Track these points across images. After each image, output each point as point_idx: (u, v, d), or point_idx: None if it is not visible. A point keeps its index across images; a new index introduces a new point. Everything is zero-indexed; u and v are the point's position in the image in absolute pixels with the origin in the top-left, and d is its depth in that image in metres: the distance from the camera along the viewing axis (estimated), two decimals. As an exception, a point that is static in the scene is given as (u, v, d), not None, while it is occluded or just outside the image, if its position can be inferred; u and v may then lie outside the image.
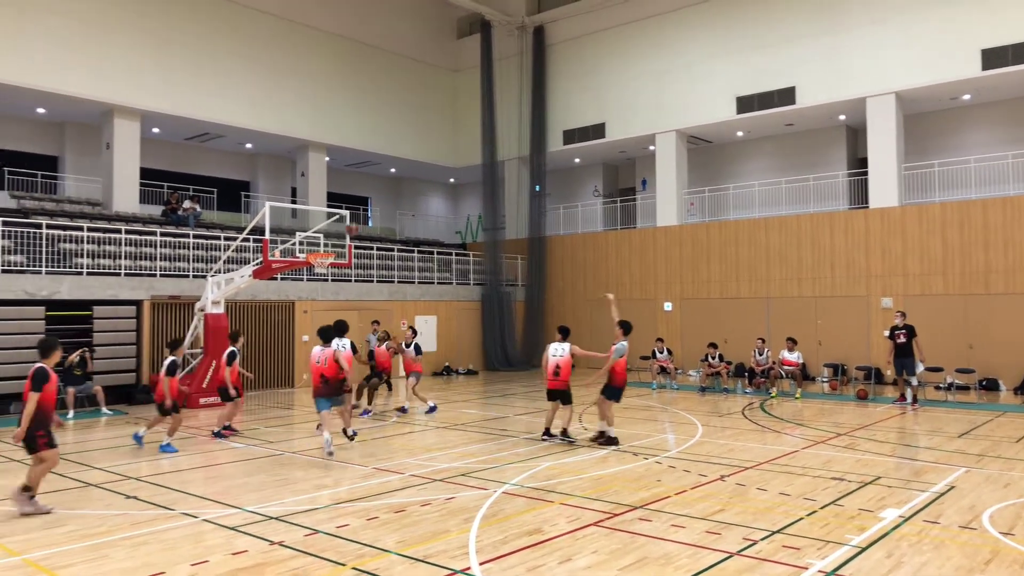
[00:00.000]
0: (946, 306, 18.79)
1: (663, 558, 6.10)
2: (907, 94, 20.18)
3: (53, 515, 7.57)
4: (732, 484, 8.63)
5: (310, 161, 25.58)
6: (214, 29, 22.42)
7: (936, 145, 21.60)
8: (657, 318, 23.69)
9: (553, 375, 11.27)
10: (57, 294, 15.96)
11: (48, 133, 22.69)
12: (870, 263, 20.05)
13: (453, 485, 8.68)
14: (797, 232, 21.34)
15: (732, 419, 13.89)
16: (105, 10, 20.17)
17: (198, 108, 22.02)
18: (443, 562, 6.02)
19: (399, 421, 13.91)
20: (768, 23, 22.01)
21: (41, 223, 17.13)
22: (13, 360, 15.23)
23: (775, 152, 24.86)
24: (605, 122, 25.44)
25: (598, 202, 28.31)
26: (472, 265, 26.52)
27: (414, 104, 28.08)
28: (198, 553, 6.30)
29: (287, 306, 19.94)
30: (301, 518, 7.32)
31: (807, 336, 20.31)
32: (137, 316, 17.23)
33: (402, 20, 27.89)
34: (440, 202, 33.92)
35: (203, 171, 25.98)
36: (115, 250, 17.75)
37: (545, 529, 6.89)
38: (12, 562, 6.14)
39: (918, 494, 8.10)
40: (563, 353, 11.32)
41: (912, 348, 15.40)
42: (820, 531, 6.77)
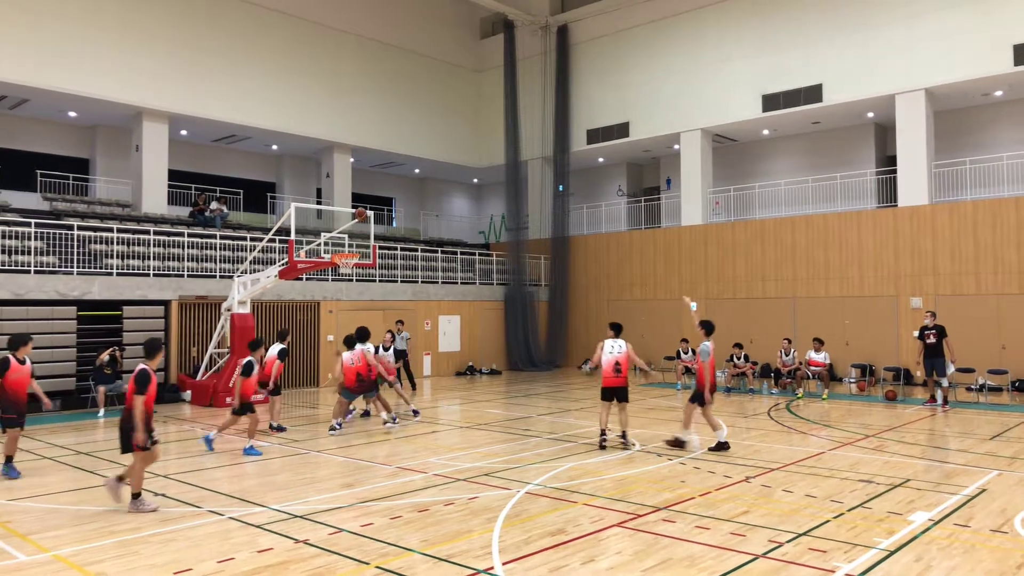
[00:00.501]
0: (978, 306, 18.46)
1: (687, 559, 6.05)
2: (937, 90, 19.85)
3: (83, 512, 7.69)
4: (757, 485, 8.55)
5: (335, 162, 25.77)
6: (240, 33, 22.67)
7: (967, 142, 21.23)
8: (682, 318, 23.51)
9: (615, 372, 10.93)
10: (88, 294, 16.24)
11: (80, 136, 23.09)
12: (899, 262, 19.76)
13: (476, 485, 8.69)
14: (824, 231, 21.09)
15: (758, 420, 13.76)
16: (135, 16, 20.48)
17: (225, 110, 22.28)
18: (466, 562, 6.03)
19: (420, 421, 13.95)
20: (794, 20, 21.77)
21: (73, 224, 17.44)
22: (46, 359, 15.53)
23: (801, 150, 24.59)
24: (629, 121, 25.33)
25: (622, 202, 28.20)
26: (495, 265, 26.55)
27: (438, 105, 28.17)
28: (224, 550, 6.37)
29: (312, 306, 20.11)
30: (325, 517, 7.37)
31: (834, 336, 20.06)
32: (165, 316, 17.48)
33: (426, 21, 27.99)
34: (464, 202, 34.01)
35: (229, 172, 26.28)
36: (144, 251, 18.02)
37: (568, 530, 6.88)
38: (42, 558, 6.25)
39: (948, 497, 7.97)
40: (621, 350, 11.05)
41: (943, 349, 15.15)
42: (847, 534, 6.68)
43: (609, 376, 11.00)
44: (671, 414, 14.69)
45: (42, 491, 8.62)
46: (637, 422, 13.52)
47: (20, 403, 9.44)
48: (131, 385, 7.64)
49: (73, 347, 16.00)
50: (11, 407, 9.31)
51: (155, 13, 20.90)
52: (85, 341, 16.16)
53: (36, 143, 22.24)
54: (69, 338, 15.97)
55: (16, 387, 9.41)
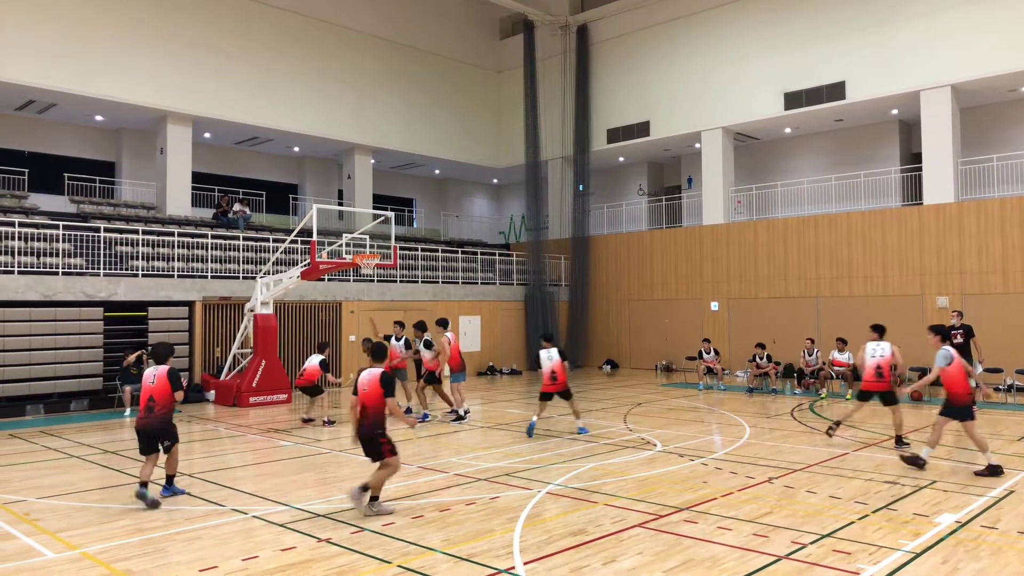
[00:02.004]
0: (1006, 305, 18.17)
1: (709, 560, 6.02)
2: (963, 87, 19.57)
3: (109, 510, 7.80)
4: (780, 486, 8.48)
5: (356, 164, 25.92)
6: (262, 37, 22.87)
7: (994, 138, 20.90)
8: (704, 318, 23.41)
9: (876, 377, 10.67)
10: (114, 295, 16.47)
11: (106, 140, 23.43)
12: (924, 261, 19.50)
13: (497, 485, 8.70)
14: (848, 230, 20.86)
15: (780, 420, 13.65)
16: (160, 22, 20.74)
17: (247, 113, 22.50)
18: (487, 561, 6.04)
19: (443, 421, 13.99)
20: (816, 16, 21.56)
21: (99, 227, 17.69)
22: (74, 359, 15.79)
23: (824, 148, 24.36)
24: (649, 120, 25.23)
25: (643, 201, 28.09)
26: (515, 265, 26.56)
27: (458, 105, 28.23)
28: (248, 548, 6.43)
29: (334, 306, 20.24)
30: (348, 516, 7.42)
31: (858, 336, 19.67)
32: (189, 317, 17.68)
33: (446, 22, 28.07)
34: (484, 203, 34.05)
35: (252, 174, 26.52)
36: (168, 252, 18.24)
37: (589, 530, 6.87)
38: (71, 555, 6.35)
39: (976, 499, 7.85)
40: (884, 353, 10.73)
41: (970, 348, 14.92)
42: (872, 536, 6.61)
43: (871, 380, 10.79)
44: (692, 415, 14.61)
45: (70, 489, 8.76)
46: (656, 422, 13.47)
47: None
48: (377, 388, 7.48)
49: (100, 347, 16.23)
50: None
51: (179, 19, 21.14)
52: (111, 342, 16.39)
53: (63, 147, 22.60)
54: (96, 339, 16.21)
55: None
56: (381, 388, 7.45)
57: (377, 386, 7.46)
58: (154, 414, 8.08)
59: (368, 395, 7.46)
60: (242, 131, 23.69)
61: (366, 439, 7.48)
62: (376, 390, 7.45)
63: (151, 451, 8.10)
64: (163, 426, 8.13)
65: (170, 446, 8.20)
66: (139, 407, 8.25)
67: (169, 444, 8.19)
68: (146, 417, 8.10)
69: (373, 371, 7.61)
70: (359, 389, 7.54)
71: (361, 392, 7.51)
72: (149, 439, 8.10)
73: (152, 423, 8.09)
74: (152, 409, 8.08)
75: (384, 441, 7.46)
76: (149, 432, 8.09)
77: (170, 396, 8.12)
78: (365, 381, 7.52)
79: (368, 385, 7.49)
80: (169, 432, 8.20)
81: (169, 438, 8.19)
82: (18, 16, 18.34)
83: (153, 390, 8.10)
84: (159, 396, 8.09)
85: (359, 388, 7.55)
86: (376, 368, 7.68)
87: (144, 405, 8.14)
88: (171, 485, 8.30)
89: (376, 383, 7.47)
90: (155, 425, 8.08)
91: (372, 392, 7.46)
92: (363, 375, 7.60)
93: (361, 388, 7.52)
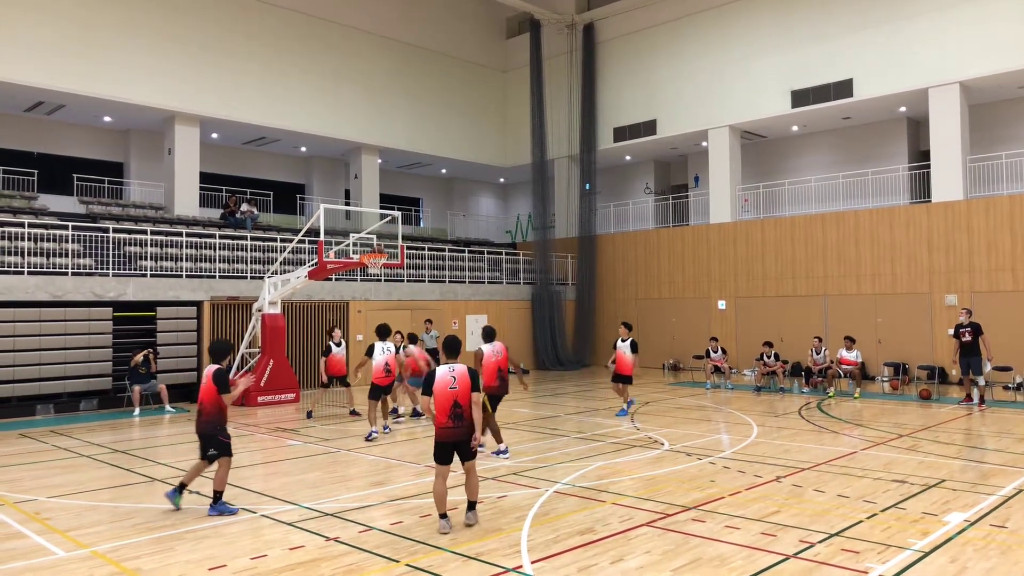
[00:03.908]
0: (1015, 303, 18.08)
1: (717, 559, 6.02)
2: (972, 83, 19.47)
3: (119, 509, 7.85)
4: (788, 485, 8.47)
5: (363, 163, 25.96)
6: (269, 37, 22.92)
7: (1003, 136, 20.79)
8: (711, 317, 23.37)
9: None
10: (123, 295, 16.55)
11: (114, 140, 23.54)
12: (933, 259, 19.42)
13: (505, 484, 8.71)
14: (855, 228, 20.79)
15: (788, 419, 13.61)
16: (167, 23, 20.81)
17: (255, 113, 22.56)
18: (495, 560, 6.05)
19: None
20: (823, 13, 21.47)
21: (108, 227, 17.78)
22: (84, 359, 15.87)
23: (832, 146, 24.27)
24: (656, 119, 25.19)
25: (649, 200, 28.05)
26: (522, 264, 26.56)
27: (464, 105, 28.25)
28: (257, 547, 6.46)
29: (341, 306, 20.29)
30: (356, 515, 7.44)
31: (866, 334, 19.78)
32: (197, 316, 17.74)
33: (452, 21, 28.08)
34: (490, 202, 34.07)
35: (259, 174, 26.60)
36: (177, 252, 18.32)
37: (597, 529, 6.87)
38: (81, 554, 6.39)
39: (985, 498, 7.82)
40: None
41: (978, 346, 14.84)
42: (881, 535, 6.59)
43: None
44: (700, 413, 14.59)
45: (79, 488, 8.81)
46: (664, 421, 13.46)
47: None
48: (469, 385, 7.01)
49: (109, 347, 16.31)
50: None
51: (186, 19, 21.22)
52: (121, 341, 16.47)
53: (72, 147, 22.71)
54: (105, 339, 16.28)
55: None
56: (471, 383, 7.00)
57: (468, 383, 6.99)
58: (202, 418, 7.62)
59: (461, 393, 6.95)
60: (249, 131, 23.76)
61: (464, 440, 6.95)
62: (468, 386, 6.98)
63: (202, 457, 7.66)
64: (210, 431, 7.56)
65: (215, 456, 7.54)
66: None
67: (215, 453, 7.53)
68: (197, 420, 7.69)
69: (457, 367, 7.07)
70: (440, 388, 6.96)
71: (446, 390, 6.94)
72: (201, 444, 7.66)
73: (201, 428, 7.62)
74: (201, 413, 7.64)
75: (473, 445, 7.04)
76: (200, 436, 7.65)
77: (216, 399, 7.57)
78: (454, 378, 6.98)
79: (461, 382, 6.96)
80: (214, 439, 7.53)
81: (215, 446, 7.52)
82: (27, 18, 18.44)
83: (201, 392, 7.70)
84: (205, 399, 7.63)
85: (440, 387, 6.96)
86: (460, 365, 7.10)
87: (197, 408, 7.74)
88: (217, 502, 7.50)
89: (468, 378, 7.01)
90: (203, 430, 7.60)
91: (463, 391, 6.95)
92: (444, 372, 7.05)
93: (447, 386, 6.94)
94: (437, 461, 6.99)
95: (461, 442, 6.96)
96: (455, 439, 6.94)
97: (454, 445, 6.95)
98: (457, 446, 6.96)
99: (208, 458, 7.62)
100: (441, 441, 6.96)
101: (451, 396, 6.93)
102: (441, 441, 6.96)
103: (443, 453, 6.96)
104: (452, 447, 6.95)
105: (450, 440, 6.94)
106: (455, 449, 6.96)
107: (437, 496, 6.89)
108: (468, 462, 7.02)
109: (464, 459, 7.00)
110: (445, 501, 6.90)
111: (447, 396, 6.94)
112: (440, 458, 6.97)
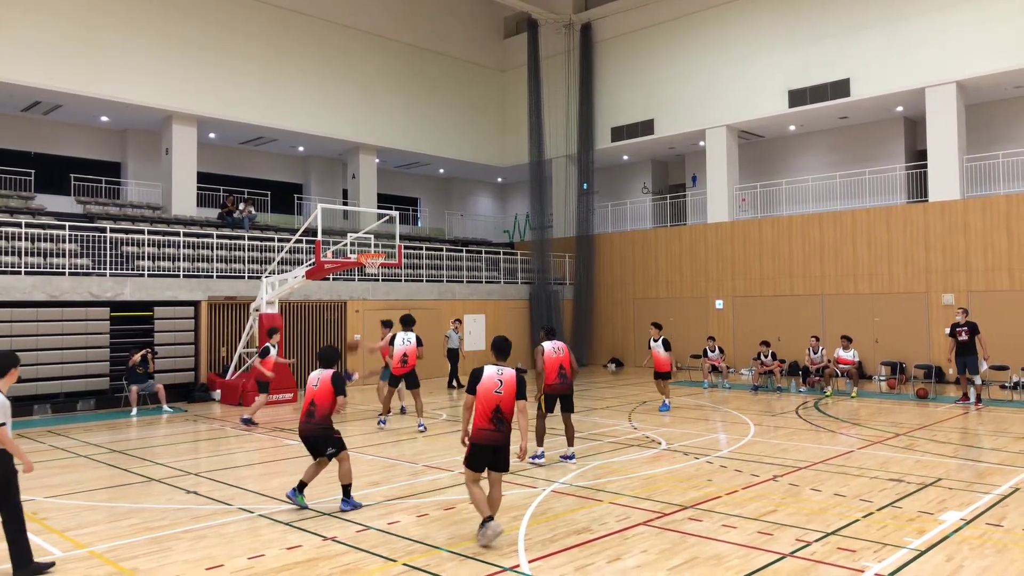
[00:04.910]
0: (1012, 302, 18.12)
1: (714, 558, 6.03)
2: (969, 83, 19.51)
3: (117, 509, 7.84)
4: (785, 484, 8.49)
5: (360, 163, 25.95)
6: (266, 36, 22.91)
7: (1000, 135, 20.84)
8: (708, 316, 23.40)
9: None
10: (121, 295, 16.53)
11: (111, 140, 23.51)
12: (930, 258, 19.45)
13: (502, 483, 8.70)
14: (852, 228, 20.82)
15: (785, 418, 13.64)
16: (164, 22, 20.79)
17: (252, 113, 22.55)
18: (492, 559, 6.06)
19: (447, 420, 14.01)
20: (821, 13, 21.50)
21: (105, 227, 17.76)
22: (81, 359, 15.85)
23: (829, 146, 24.31)
24: (654, 118, 25.21)
25: (647, 199, 28.07)
26: (520, 264, 26.57)
27: (462, 105, 28.25)
28: (255, 547, 6.47)
29: (339, 306, 20.28)
30: (353, 514, 7.44)
31: (863, 334, 19.82)
32: (195, 316, 17.73)
33: (450, 21, 28.08)
34: (488, 202, 34.08)
35: (257, 174, 26.59)
36: (174, 252, 18.31)
37: (594, 528, 6.88)
38: (78, 554, 6.39)
39: (981, 496, 7.85)
40: None
41: (975, 346, 14.88)
42: (877, 533, 6.61)
43: None
44: (697, 412, 14.61)
45: (77, 488, 8.80)
46: (661, 420, 13.48)
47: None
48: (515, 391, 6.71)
49: (106, 347, 16.30)
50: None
51: (183, 19, 21.20)
52: (118, 341, 16.46)
53: (69, 147, 22.68)
54: (103, 339, 16.27)
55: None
56: (516, 390, 6.70)
57: (514, 390, 6.69)
58: (314, 419, 7.65)
59: (505, 399, 6.64)
60: (247, 131, 23.75)
61: (502, 446, 6.62)
62: (513, 393, 6.69)
63: (317, 456, 7.74)
64: (323, 432, 7.66)
65: (335, 453, 7.68)
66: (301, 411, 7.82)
67: (334, 452, 7.68)
68: (306, 423, 7.70)
69: (506, 371, 6.80)
70: (484, 390, 6.68)
71: (490, 393, 6.64)
72: (313, 446, 7.73)
73: (312, 430, 7.67)
74: (312, 414, 7.66)
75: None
76: (310, 439, 7.71)
77: (332, 401, 7.68)
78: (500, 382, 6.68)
79: (507, 387, 6.66)
80: (330, 439, 7.69)
81: (332, 444, 7.68)
82: (24, 18, 18.41)
83: (315, 394, 7.69)
84: (321, 401, 7.65)
85: (484, 388, 6.69)
86: (508, 369, 6.83)
87: (305, 410, 7.73)
88: (348, 497, 7.67)
89: (514, 384, 6.72)
90: (315, 432, 7.66)
91: (508, 397, 6.65)
92: (491, 373, 6.79)
93: (493, 389, 6.66)
94: (469, 466, 6.60)
95: (499, 448, 6.58)
96: (493, 443, 6.55)
97: (491, 450, 6.56)
98: (494, 452, 6.57)
99: (328, 456, 7.70)
100: (479, 443, 6.56)
101: (494, 400, 6.59)
102: (479, 443, 6.56)
103: (478, 458, 6.56)
104: (490, 451, 6.56)
105: (488, 444, 6.54)
106: (491, 454, 6.58)
107: (477, 501, 6.50)
108: (498, 472, 6.65)
109: (496, 468, 6.62)
110: (487, 504, 6.52)
111: (491, 399, 6.60)
112: (473, 463, 6.58)
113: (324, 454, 7.68)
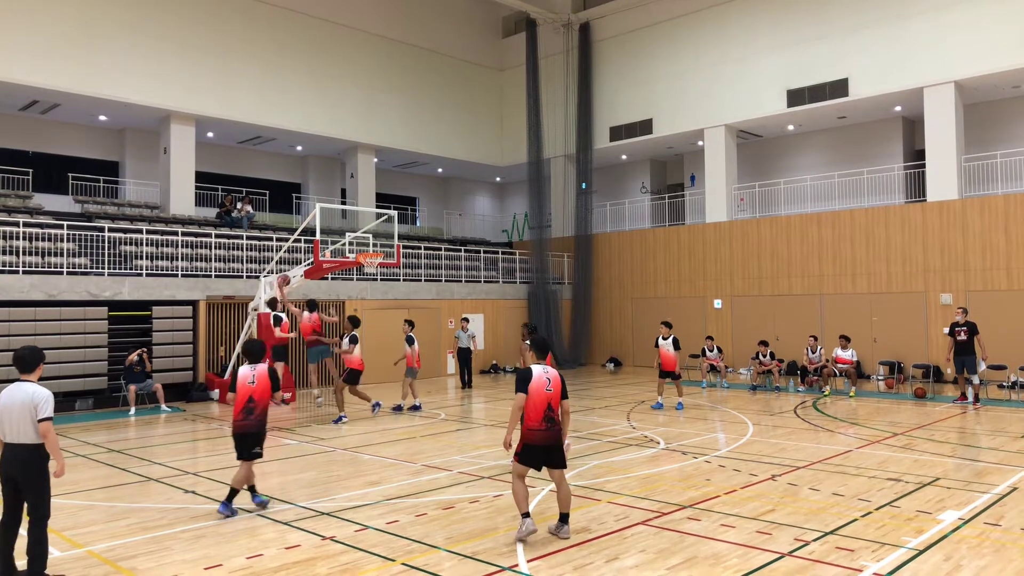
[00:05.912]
0: (1010, 302, 18.14)
1: (712, 558, 6.04)
2: (967, 83, 19.53)
3: (115, 509, 7.83)
4: (783, 484, 8.49)
5: (359, 162, 25.93)
6: (265, 36, 22.89)
7: (998, 135, 20.85)
8: (707, 316, 23.41)
9: None
10: (119, 295, 16.51)
11: (109, 139, 23.48)
12: (928, 258, 19.47)
13: (501, 483, 8.72)
14: (851, 227, 20.84)
15: (784, 418, 13.65)
16: (162, 21, 20.75)
17: (250, 112, 22.52)
18: (491, 559, 6.06)
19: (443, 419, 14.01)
20: (819, 13, 21.51)
21: (103, 226, 17.73)
22: (79, 359, 15.83)
23: (827, 145, 24.32)
24: (652, 118, 25.21)
25: (646, 199, 28.08)
26: (518, 263, 26.57)
27: (461, 104, 28.24)
28: (253, 547, 6.46)
29: (338, 305, 20.26)
30: (352, 514, 7.44)
31: (862, 333, 19.84)
32: (193, 316, 17.71)
33: (448, 21, 28.07)
34: (487, 201, 34.07)
35: (255, 174, 26.56)
36: (172, 252, 18.28)
37: (592, 528, 6.88)
38: (76, 554, 6.38)
39: (979, 496, 7.85)
40: None
41: (974, 345, 14.90)
42: (875, 533, 6.62)
43: None
44: (696, 412, 14.62)
45: (75, 488, 8.79)
46: (660, 420, 13.48)
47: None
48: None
49: (104, 347, 16.27)
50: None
51: (182, 19, 21.16)
52: (116, 341, 16.44)
53: (67, 147, 22.64)
54: (101, 338, 16.25)
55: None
56: (562, 387, 6.70)
57: (560, 387, 6.68)
58: (253, 416, 7.64)
59: (555, 396, 6.61)
60: (245, 130, 23.72)
61: (555, 446, 6.61)
62: (560, 390, 6.67)
63: (242, 455, 7.64)
64: (260, 431, 7.67)
65: (260, 455, 7.70)
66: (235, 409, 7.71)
67: (260, 452, 7.68)
68: (245, 420, 7.64)
69: (550, 369, 6.73)
70: (536, 389, 6.58)
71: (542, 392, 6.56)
72: (245, 445, 7.62)
73: (251, 426, 7.62)
74: (252, 411, 7.64)
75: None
76: (248, 438, 7.61)
77: (269, 398, 7.69)
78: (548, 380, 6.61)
79: (555, 384, 6.64)
80: (262, 440, 7.70)
81: (261, 446, 7.69)
82: (22, 17, 18.38)
83: (254, 391, 7.66)
84: (259, 397, 7.64)
85: (536, 388, 6.58)
86: (552, 368, 6.77)
87: (243, 407, 7.65)
88: (229, 501, 7.49)
89: (559, 383, 6.69)
90: (253, 429, 7.62)
91: (556, 395, 6.62)
92: (539, 372, 6.66)
93: (543, 387, 6.58)
94: (522, 462, 6.60)
95: (552, 447, 6.58)
96: (546, 442, 6.54)
97: (544, 449, 6.56)
98: (548, 451, 6.57)
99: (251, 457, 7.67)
100: (531, 443, 6.55)
101: (546, 399, 6.57)
102: (531, 443, 6.55)
103: (532, 456, 6.59)
104: (542, 451, 6.56)
105: (541, 443, 6.54)
106: (545, 453, 6.58)
107: (519, 497, 6.50)
108: (559, 470, 6.66)
109: (555, 466, 6.63)
110: (527, 500, 6.55)
111: (542, 398, 6.57)
112: (528, 460, 6.59)
113: (251, 453, 7.57)
